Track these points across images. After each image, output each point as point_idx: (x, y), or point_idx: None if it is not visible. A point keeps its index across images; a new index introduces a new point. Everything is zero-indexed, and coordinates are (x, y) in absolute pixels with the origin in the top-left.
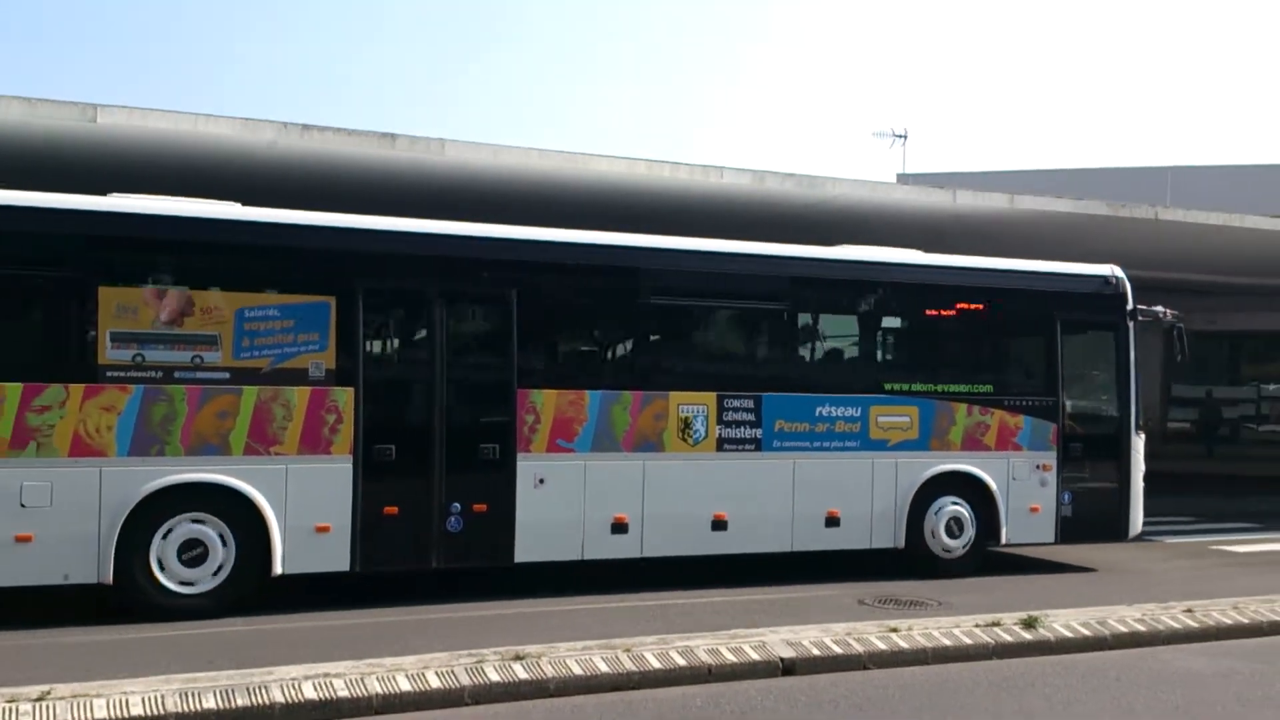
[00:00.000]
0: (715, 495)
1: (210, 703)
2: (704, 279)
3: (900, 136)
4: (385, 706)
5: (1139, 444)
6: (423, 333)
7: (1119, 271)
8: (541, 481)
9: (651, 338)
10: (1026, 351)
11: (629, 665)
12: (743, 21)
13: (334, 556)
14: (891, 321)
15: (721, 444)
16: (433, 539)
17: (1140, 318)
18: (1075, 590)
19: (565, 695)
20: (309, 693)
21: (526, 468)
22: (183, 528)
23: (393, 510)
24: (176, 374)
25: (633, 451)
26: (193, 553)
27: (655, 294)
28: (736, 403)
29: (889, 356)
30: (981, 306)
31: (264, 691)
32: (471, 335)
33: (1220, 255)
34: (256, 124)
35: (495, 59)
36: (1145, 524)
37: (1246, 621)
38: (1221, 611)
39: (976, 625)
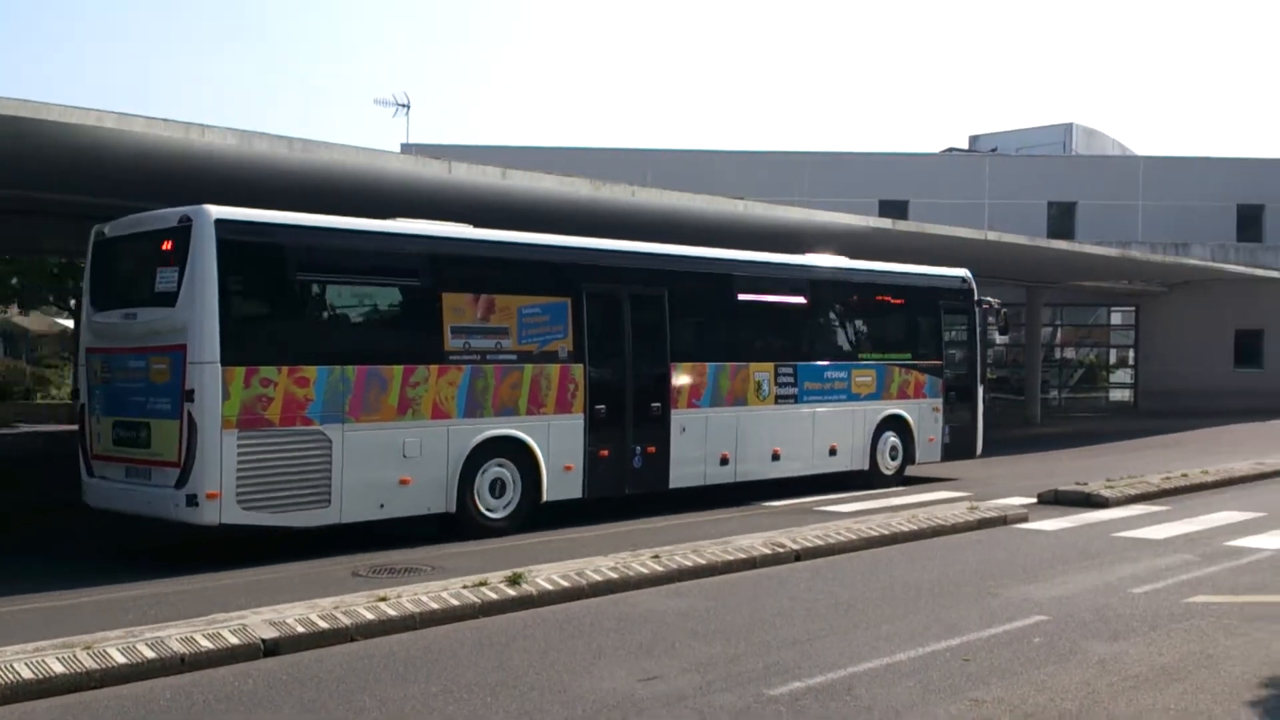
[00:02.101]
0: (774, 435)
1: None
2: (767, 282)
3: (404, 106)
4: None
5: (981, 392)
6: (618, 323)
7: (968, 273)
8: (684, 429)
9: (739, 323)
10: (925, 329)
11: (89, 664)
12: None
13: (573, 488)
14: (863, 309)
15: (777, 399)
16: (626, 473)
17: (982, 305)
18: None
19: (14, 702)
20: None
21: (676, 420)
22: (492, 470)
23: (605, 453)
24: (487, 356)
25: (731, 406)
26: (496, 488)
27: (741, 292)
28: (784, 369)
29: (861, 334)
30: (905, 298)
31: None
32: (644, 324)
33: (684, 229)
34: None
35: None
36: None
37: (704, 563)
38: (684, 555)
39: (464, 586)
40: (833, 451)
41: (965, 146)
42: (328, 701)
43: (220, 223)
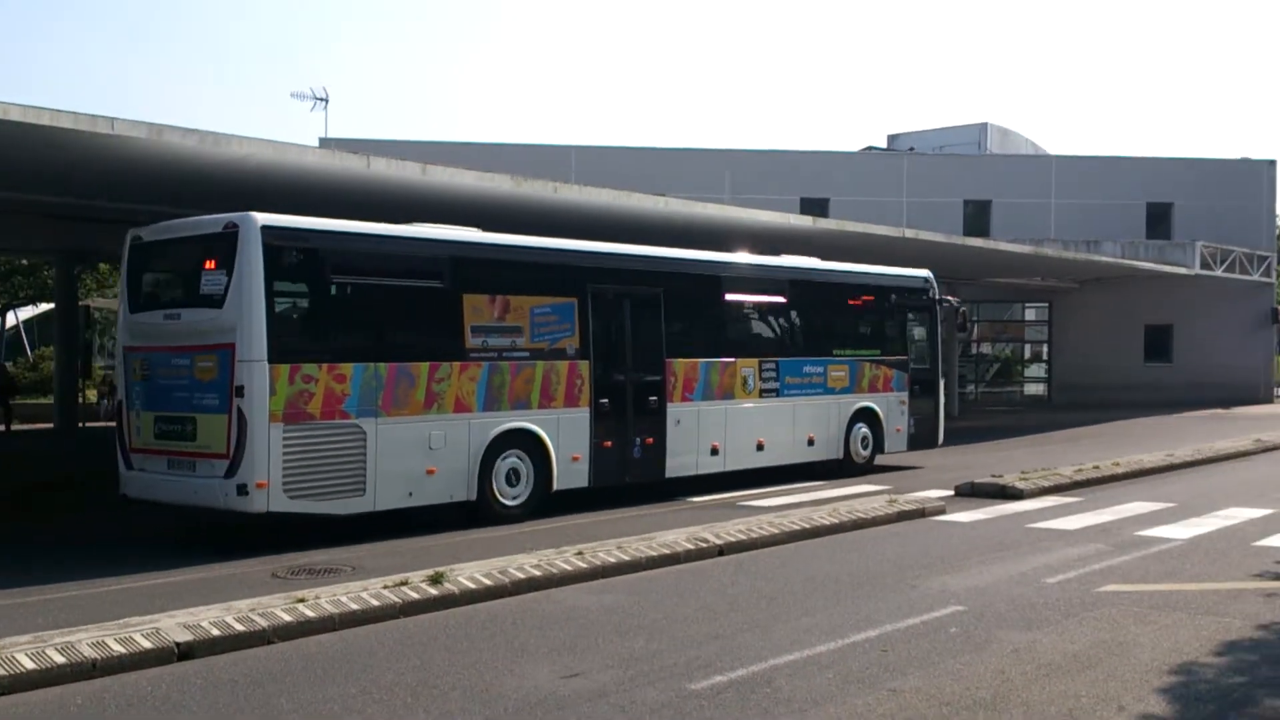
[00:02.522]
0: (758, 427)
1: None
2: (752, 282)
3: (321, 99)
4: None
5: (942, 385)
6: (619, 321)
7: (930, 274)
8: (678, 422)
9: (727, 321)
10: (892, 327)
11: None
12: None
13: (580, 477)
14: (837, 307)
15: (761, 393)
16: (627, 463)
17: (943, 304)
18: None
19: None
20: None
21: (671, 413)
22: (508, 460)
23: (608, 444)
24: (503, 354)
25: (720, 400)
26: (511, 478)
27: (729, 292)
28: (767, 365)
29: (835, 331)
30: (874, 297)
31: None
32: (642, 323)
33: (605, 226)
34: None
35: None
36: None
37: (628, 559)
38: (607, 551)
39: (385, 586)
40: (810, 442)
41: (884, 145)
42: (243, 705)
43: (265, 229)
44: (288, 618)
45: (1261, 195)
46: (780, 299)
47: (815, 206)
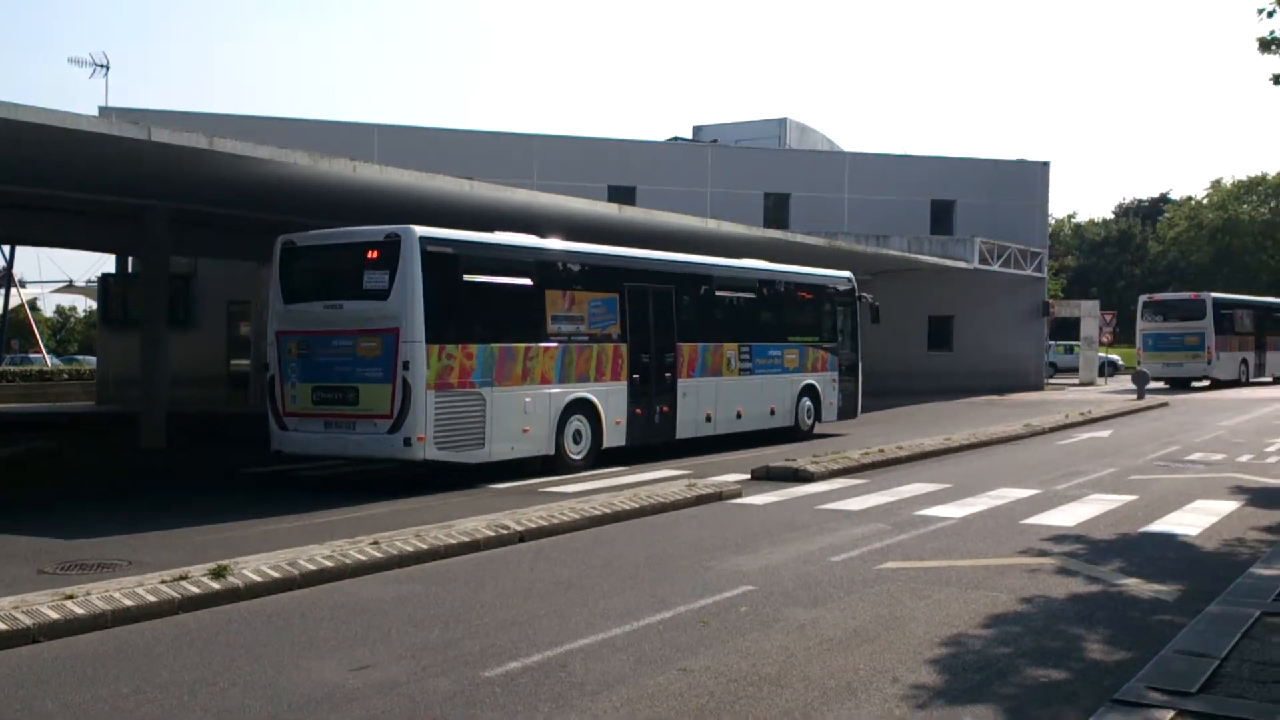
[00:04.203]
0: (738, 399)
1: None
2: (734, 281)
3: (102, 66)
4: None
5: (861, 367)
6: (644, 312)
7: (851, 274)
8: (685, 394)
9: (717, 313)
10: (825, 317)
11: None
12: None
13: (620, 438)
14: (790, 301)
15: (739, 371)
16: (650, 427)
17: (862, 299)
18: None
19: None
20: None
21: (680, 386)
22: (573, 423)
23: (640, 411)
24: (571, 338)
25: (712, 376)
26: (576, 437)
27: (718, 289)
28: (744, 349)
29: (788, 321)
30: (814, 293)
31: None
32: (659, 313)
33: (408, 208)
34: None
35: None
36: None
37: (425, 547)
38: (404, 540)
39: (163, 581)
40: (772, 412)
41: (689, 136)
42: (3, 708)
43: (421, 238)
44: (55, 615)
45: (1036, 195)
46: (752, 294)
47: (623, 194)
